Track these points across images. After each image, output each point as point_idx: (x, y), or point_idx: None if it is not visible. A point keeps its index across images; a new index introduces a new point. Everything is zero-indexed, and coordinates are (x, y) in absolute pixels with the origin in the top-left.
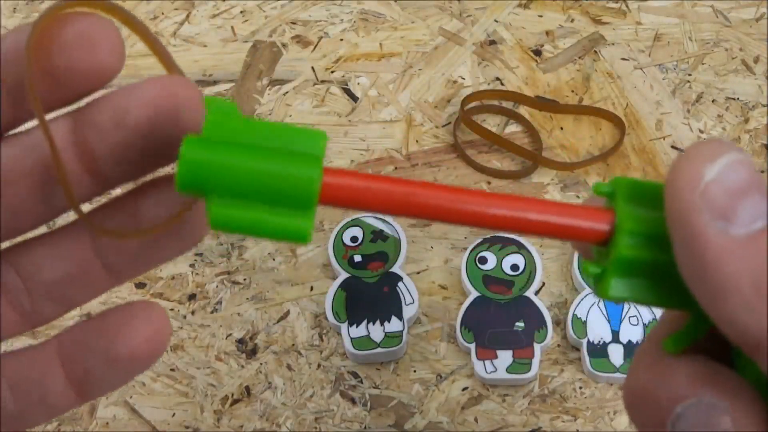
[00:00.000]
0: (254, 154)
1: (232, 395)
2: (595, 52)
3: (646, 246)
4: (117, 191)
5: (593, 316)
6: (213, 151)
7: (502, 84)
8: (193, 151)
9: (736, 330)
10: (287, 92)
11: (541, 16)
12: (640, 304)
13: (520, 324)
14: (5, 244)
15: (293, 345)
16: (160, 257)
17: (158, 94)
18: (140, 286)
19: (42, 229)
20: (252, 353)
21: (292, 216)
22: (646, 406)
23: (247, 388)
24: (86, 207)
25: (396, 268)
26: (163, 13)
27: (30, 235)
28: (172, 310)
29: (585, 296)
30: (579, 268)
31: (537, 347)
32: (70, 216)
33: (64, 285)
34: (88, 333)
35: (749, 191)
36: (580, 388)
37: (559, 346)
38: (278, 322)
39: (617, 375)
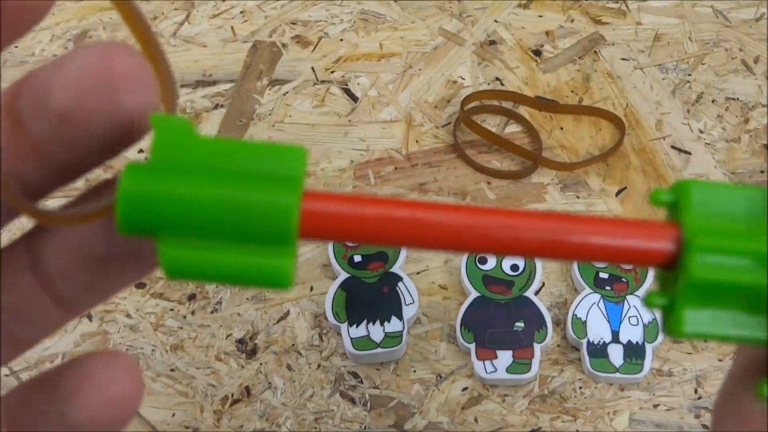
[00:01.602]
0: (214, 181)
1: (232, 395)
2: (595, 52)
3: (726, 265)
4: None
5: (593, 316)
6: (161, 180)
7: (502, 84)
8: (135, 183)
9: None
10: (287, 92)
11: (541, 17)
12: (724, 341)
13: (520, 324)
14: None
15: (293, 345)
16: (113, 286)
17: (85, 67)
18: (140, 286)
19: None
20: (252, 353)
21: (269, 255)
22: None
23: (247, 388)
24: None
25: (396, 268)
26: (162, 13)
27: None
28: (172, 310)
29: (585, 296)
30: (579, 268)
31: (537, 347)
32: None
33: (5, 322)
34: (39, 393)
35: None
36: (580, 388)
37: (558, 346)
38: (278, 322)
39: (617, 375)
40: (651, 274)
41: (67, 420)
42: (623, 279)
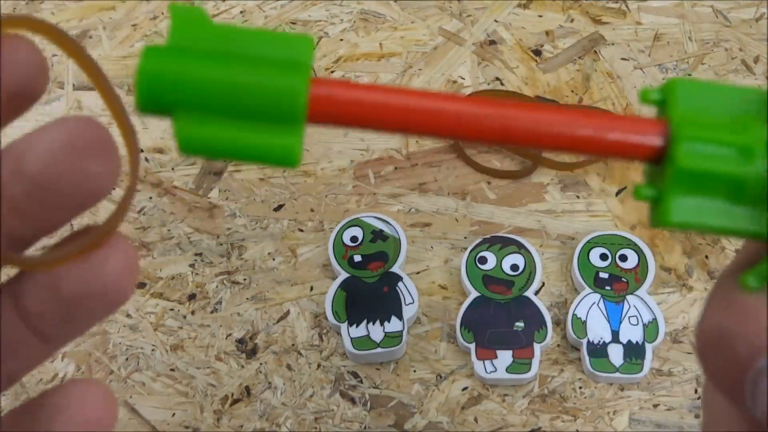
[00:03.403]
0: (228, 63)
1: (232, 395)
2: (595, 52)
3: (711, 155)
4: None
5: (593, 316)
6: (178, 60)
7: (502, 84)
8: (153, 62)
9: None
10: None
11: (541, 16)
12: (708, 231)
13: (520, 324)
14: None
15: (293, 345)
16: (87, 320)
17: (56, 139)
18: (140, 286)
19: None
20: (252, 353)
21: (277, 134)
22: (720, 353)
23: (247, 388)
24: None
25: (396, 268)
26: (162, 13)
27: None
28: (172, 310)
29: (585, 296)
30: (579, 268)
31: (537, 347)
32: None
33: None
34: (25, 419)
35: None
36: (580, 388)
37: (558, 346)
38: (278, 322)
39: (617, 375)
40: (651, 274)
41: None
42: (623, 279)
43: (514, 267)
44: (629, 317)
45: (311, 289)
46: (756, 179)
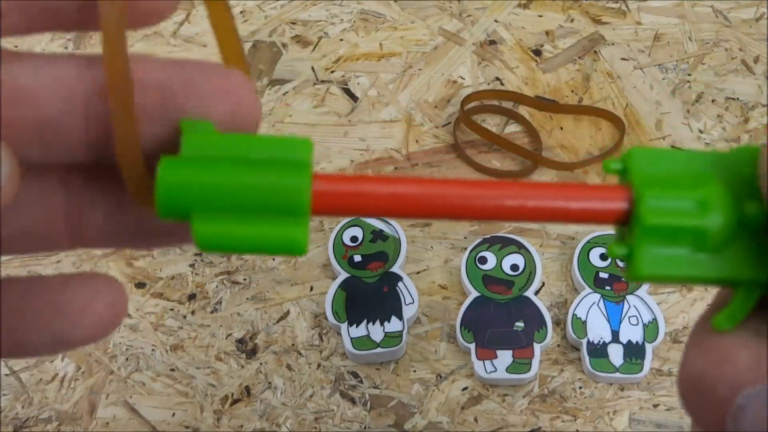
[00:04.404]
0: (237, 168)
1: (232, 395)
2: (595, 52)
3: (673, 211)
4: None
5: (593, 316)
6: (192, 169)
7: (502, 84)
8: (172, 173)
9: None
10: (287, 92)
11: (541, 16)
12: (678, 282)
13: (520, 324)
14: None
15: (293, 345)
16: (139, 240)
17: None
18: (140, 286)
19: None
20: (252, 353)
21: (285, 227)
22: (702, 396)
23: (247, 388)
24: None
25: (396, 268)
26: None
27: None
28: (172, 310)
29: (585, 296)
30: (579, 268)
31: (537, 347)
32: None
33: (19, 238)
34: (32, 298)
35: None
36: (580, 388)
37: (558, 346)
38: (278, 322)
39: (617, 375)
40: None
41: (60, 337)
42: (623, 279)
43: (514, 267)
44: (629, 317)
45: (311, 289)
46: (716, 229)
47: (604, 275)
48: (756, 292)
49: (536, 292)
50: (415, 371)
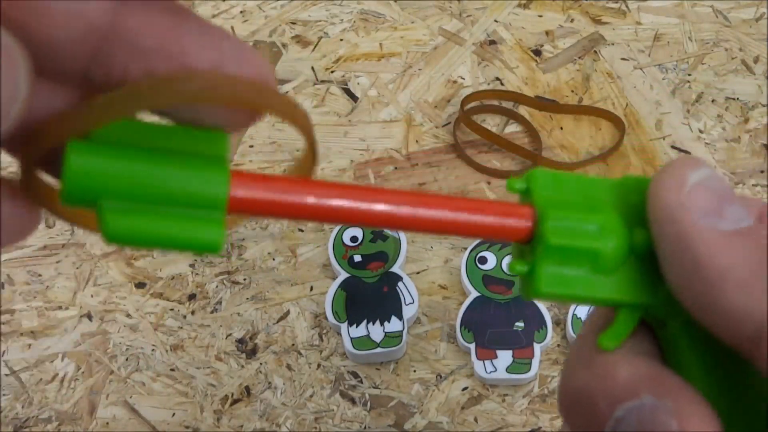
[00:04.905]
0: (153, 158)
1: (232, 395)
2: (595, 52)
3: (573, 233)
4: None
5: None
6: (104, 155)
7: (501, 84)
8: (81, 157)
9: (733, 319)
10: (287, 92)
11: (541, 16)
12: (571, 301)
13: (520, 324)
14: None
15: (293, 345)
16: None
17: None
18: (140, 286)
19: None
20: (252, 353)
21: (201, 224)
22: (583, 409)
23: (247, 388)
24: None
25: (396, 268)
26: None
27: None
28: (172, 310)
29: None
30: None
31: (537, 347)
32: None
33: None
34: None
35: (731, 197)
36: None
37: (559, 346)
38: (278, 322)
39: None
40: None
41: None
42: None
43: None
44: None
45: (311, 289)
46: (609, 252)
47: None
48: (638, 314)
49: None
50: (415, 371)
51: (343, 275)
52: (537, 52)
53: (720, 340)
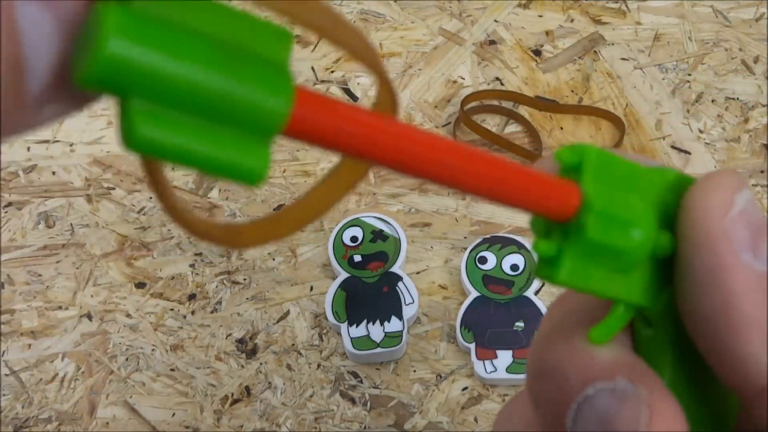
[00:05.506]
0: (203, 52)
1: (232, 395)
2: (595, 52)
3: (611, 232)
4: None
5: None
6: (145, 40)
7: (501, 84)
8: (121, 39)
9: (747, 368)
10: None
11: (540, 16)
12: (580, 291)
13: (520, 324)
14: None
15: (293, 345)
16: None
17: None
18: (140, 286)
19: None
20: (252, 353)
21: (243, 148)
22: (552, 381)
23: (247, 388)
24: None
25: (396, 268)
26: None
27: None
28: (172, 310)
29: None
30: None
31: None
32: None
33: None
34: None
35: (764, 229)
36: None
37: None
38: (278, 322)
39: None
40: None
41: None
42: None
43: (514, 267)
44: None
45: (311, 289)
46: (639, 256)
47: None
48: (632, 312)
49: (536, 292)
50: (415, 371)
51: (343, 275)
52: (537, 52)
53: (718, 375)
